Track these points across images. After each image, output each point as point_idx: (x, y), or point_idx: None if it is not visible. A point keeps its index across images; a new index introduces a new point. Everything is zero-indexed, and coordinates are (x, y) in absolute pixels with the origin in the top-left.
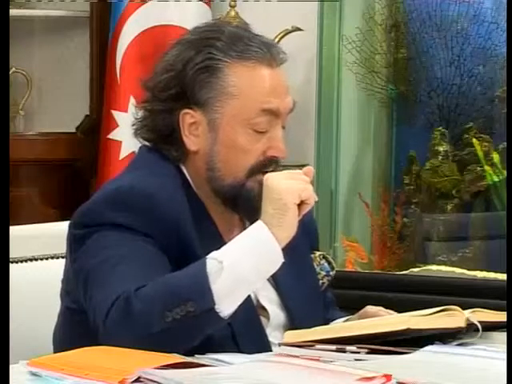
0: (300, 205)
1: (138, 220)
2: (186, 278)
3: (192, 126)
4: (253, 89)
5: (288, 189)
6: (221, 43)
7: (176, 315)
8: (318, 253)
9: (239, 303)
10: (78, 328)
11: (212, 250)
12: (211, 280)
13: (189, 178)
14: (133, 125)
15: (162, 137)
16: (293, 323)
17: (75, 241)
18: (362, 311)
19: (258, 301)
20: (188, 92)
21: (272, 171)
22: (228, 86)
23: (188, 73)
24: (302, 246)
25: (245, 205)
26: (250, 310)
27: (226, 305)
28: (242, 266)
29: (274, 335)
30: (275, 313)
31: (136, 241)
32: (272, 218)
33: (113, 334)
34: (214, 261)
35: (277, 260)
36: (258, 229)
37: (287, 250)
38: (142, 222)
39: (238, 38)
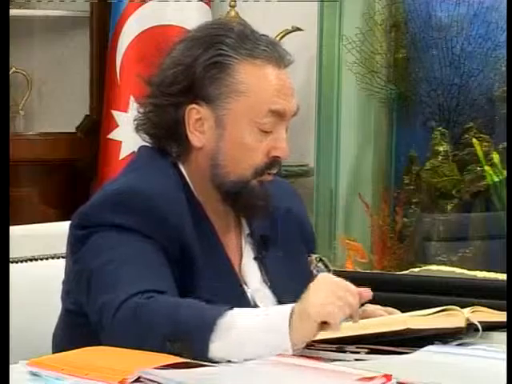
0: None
1: (139, 221)
2: (195, 318)
3: (198, 122)
4: (261, 88)
5: (321, 305)
6: (230, 40)
7: (172, 349)
8: (314, 255)
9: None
10: (77, 331)
11: (209, 251)
12: (216, 334)
13: (187, 178)
14: (135, 120)
15: (165, 132)
16: None
17: (76, 242)
18: (360, 310)
19: (254, 302)
20: (196, 87)
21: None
22: (237, 82)
23: (197, 68)
24: (299, 248)
25: (245, 202)
26: None
27: (219, 356)
28: (248, 336)
29: None
30: None
31: (137, 242)
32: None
33: (117, 336)
34: (230, 318)
35: (280, 349)
36: (282, 318)
37: (284, 253)
38: (142, 223)
39: (246, 36)
